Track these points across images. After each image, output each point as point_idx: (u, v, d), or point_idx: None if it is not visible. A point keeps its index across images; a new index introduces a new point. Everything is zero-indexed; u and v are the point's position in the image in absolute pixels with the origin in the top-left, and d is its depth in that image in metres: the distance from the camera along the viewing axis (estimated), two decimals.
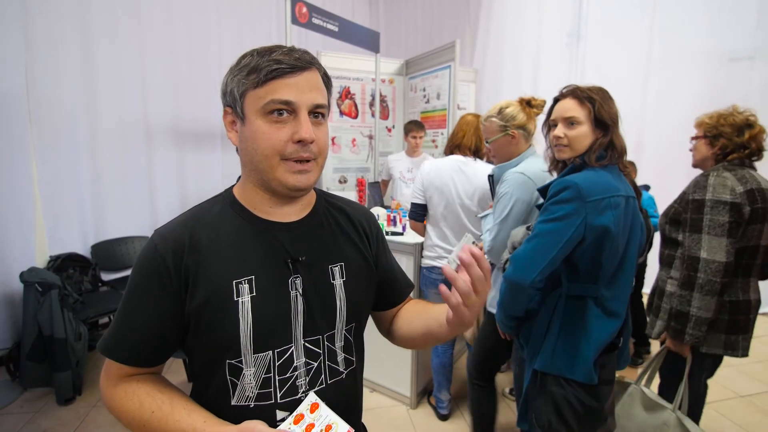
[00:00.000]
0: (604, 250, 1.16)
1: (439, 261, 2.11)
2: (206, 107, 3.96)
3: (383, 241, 0.91)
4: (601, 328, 1.20)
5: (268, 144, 0.65)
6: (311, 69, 0.68)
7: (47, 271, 2.65)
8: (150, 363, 0.71)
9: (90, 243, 3.25)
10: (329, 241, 0.78)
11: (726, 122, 1.54)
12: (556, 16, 4.33)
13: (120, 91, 3.32)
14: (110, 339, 0.69)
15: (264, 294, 0.69)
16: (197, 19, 3.85)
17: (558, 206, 1.17)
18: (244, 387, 0.68)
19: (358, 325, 0.82)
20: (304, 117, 0.66)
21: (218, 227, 0.71)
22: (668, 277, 1.65)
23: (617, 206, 1.16)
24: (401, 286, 0.93)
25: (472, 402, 1.90)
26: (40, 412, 2.34)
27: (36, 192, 2.90)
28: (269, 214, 0.74)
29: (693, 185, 1.54)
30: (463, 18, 5.24)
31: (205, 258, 0.68)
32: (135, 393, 0.67)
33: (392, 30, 6.12)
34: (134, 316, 0.68)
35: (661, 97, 3.83)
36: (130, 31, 3.35)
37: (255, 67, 0.66)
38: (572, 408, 1.20)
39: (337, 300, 0.76)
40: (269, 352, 0.69)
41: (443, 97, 3.79)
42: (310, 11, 3.14)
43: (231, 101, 0.69)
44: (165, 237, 0.69)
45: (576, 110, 1.27)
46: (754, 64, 3.34)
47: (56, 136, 2.97)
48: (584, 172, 1.22)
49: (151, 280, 0.67)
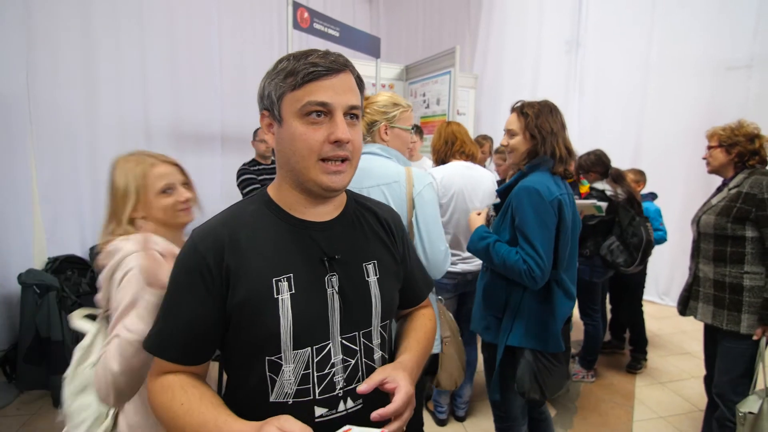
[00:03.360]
0: (561, 240, 1.40)
1: (452, 267, 2.10)
2: (207, 110, 3.97)
3: (408, 241, 0.93)
4: (563, 306, 1.44)
5: (305, 145, 0.67)
6: (346, 71, 0.70)
7: (45, 273, 2.64)
8: (195, 361, 0.72)
9: (88, 245, 3.24)
10: (361, 240, 0.80)
11: (740, 132, 1.77)
12: (556, 22, 4.36)
13: (120, 93, 3.33)
14: (155, 337, 0.71)
15: (302, 291, 0.70)
16: (198, 23, 3.88)
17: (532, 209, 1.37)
18: (283, 383, 0.70)
19: (390, 322, 0.84)
20: (340, 118, 0.68)
21: (255, 226, 0.73)
22: (742, 273, 1.75)
23: (566, 204, 1.40)
24: (420, 286, 0.95)
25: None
26: (36, 415, 2.33)
27: (35, 193, 2.90)
28: (304, 214, 0.75)
29: (757, 185, 1.70)
30: (463, 24, 5.28)
31: (245, 257, 0.70)
32: (170, 387, 0.69)
33: (393, 35, 6.15)
34: (178, 315, 0.70)
35: (659, 104, 3.85)
36: (132, 34, 3.37)
37: (292, 70, 0.67)
38: (547, 372, 1.44)
39: (372, 297, 0.77)
40: (308, 348, 0.70)
41: (443, 102, 3.81)
42: (312, 16, 3.16)
43: (268, 104, 0.71)
44: (204, 236, 0.71)
45: (514, 123, 1.50)
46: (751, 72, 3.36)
47: (56, 137, 2.97)
48: (531, 176, 1.43)
49: (193, 279, 0.69)
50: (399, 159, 1.45)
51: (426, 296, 0.97)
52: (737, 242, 1.74)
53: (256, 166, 3.17)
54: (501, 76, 4.72)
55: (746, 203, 1.70)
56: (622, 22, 3.98)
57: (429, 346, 0.89)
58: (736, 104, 3.29)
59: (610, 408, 2.45)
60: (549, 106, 1.49)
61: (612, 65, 4.05)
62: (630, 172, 3.03)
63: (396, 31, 6.15)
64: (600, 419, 2.36)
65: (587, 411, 2.42)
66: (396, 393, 0.67)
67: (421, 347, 0.84)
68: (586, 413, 2.40)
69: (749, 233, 1.71)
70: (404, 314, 0.96)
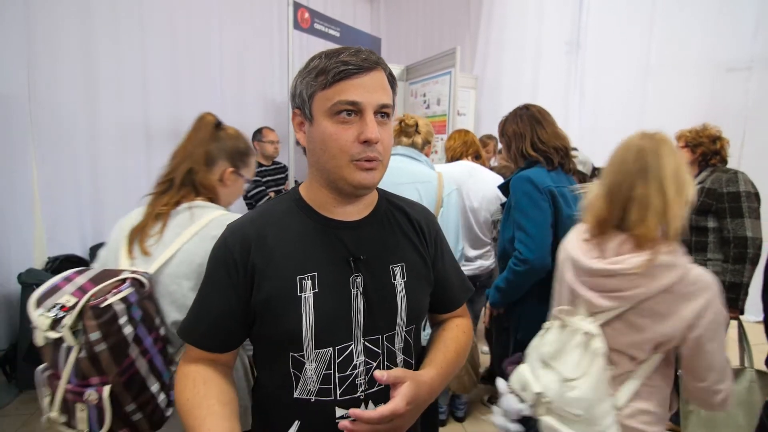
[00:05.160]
0: (560, 231, 1.42)
1: None
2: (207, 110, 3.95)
3: (442, 243, 0.89)
4: None
5: (335, 144, 0.67)
6: (377, 69, 0.68)
7: (45, 273, 2.64)
8: (217, 348, 0.74)
9: (88, 245, 3.23)
10: (390, 240, 0.79)
11: (704, 134, 1.98)
12: (556, 23, 4.36)
13: (121, 93, 3.33)
14: (185, 322, 0.76)
15: (326, 291, 0.71)
16: (199, 23, 3.87)
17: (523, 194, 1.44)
18: (306, 381, 0.70)
19: (417, 327, 0.82)
20: (370, 117, 0.66)
21: (284, 224, 0.74)
22: (706, 260, 1.91)
23: (562, 196, 1.46)
24: (456, 290, 0.90)
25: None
26: (36, 414, 2.33)
27: (35, 193, 2.90)
28: (333, 213, 0.75)
29: (717, 181, 1.89)
30: (463, 25, 5.28)
31: (271, 254, 0.71)
32: (186, 377, 0.72)
33: (393, 36, 6.15)
34: (204, 304, 0.74)
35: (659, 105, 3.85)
36: (132, 34, 3.37)
37: (323, 69, 0.66)
38: None
39: (398, 300, 0.76)
40: (330, 348, 0.70)
41: (443, 102, 3.81)
42: (312, 17, 3.16)
43: (300, 103, 0.71)
44: (234, 232, 0.73)
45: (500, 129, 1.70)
46: (751, 74, 3.36)
47: (56, 137, 2.97)
48: (528, 170, 1.53)
49: (219, 272, 0.72)
50: (428, 163, 1.65)
51: (463, 302, 0.92)
52: (700, 232, 1.94)
53: (259, 168, 3.16)
54: (501, 77, 4.72)
55: (708, 197, 1.90)
56: (622, 23, 3.97)
57: (459, 363, 0.85)
58: (736, 105, 3.29)
59: None
60: (518, 112, 1.61)
61: (612, 66, 4.05)
62: None
63: (396, 32, 6.14)
64: None
65: None
66: (387, 403, 0.65)
67: (447, 365, 0.80)
68: None
69: (711, 224, 1.91)
70: (439, 320, 0.91)
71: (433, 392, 0.75)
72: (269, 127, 3.30)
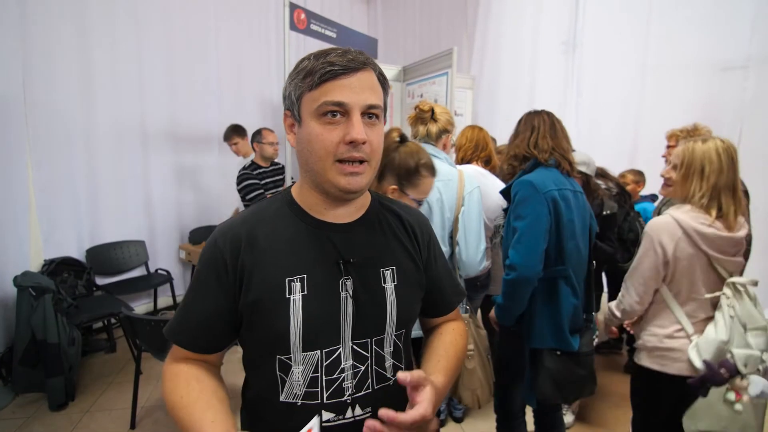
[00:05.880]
0: (563, 234, 1.42)
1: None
2: (203, 112, 3.96)
3: (435, 247, 0.89)
4: (568, 302, 1.45)
5: (321, 146, 0.66)
6: (365, 69, 0.67)
7: (41, 275, 2.63)
8: (204, 350, 0.74)
9: (85, 247, 3.23)
10: (381, 244, 0.78)
11: (695, 134, 2.00)
12: (553, 23, 4.36)
13: (117, 94, 3.32)
14: (173, 322, 0.75)
15: (315, 293, 0.70)
16: (195, 24, 3.86)
17: (526, 202, 1.41)
18: (292, 384, 0.70)
19: (407, 332, 0.81)
20: (356, 118, 0.66)
21: (275, 225, 0.74)
22: None
23: (564, 200, 1.43)
24: (448, 295, 0.90)
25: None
26: (32, 418, 2.31)
27: (31, 195, 2.89)
28: (324, 215, 0.75)
29: None
30: (460, 25, 5.28)
31: (261, 255, 0.70)
32: (177, 376, 0.71)
33: (390, 36, 6.15)
34: (192, 304, 0.74)
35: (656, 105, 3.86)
36: (128, 35, 3.36)
37: (310, 70, 0.66)
38: (565, 376, 1.44)
39: (388, 304, 0.75)
40: (317, 351, 0.70)
41: (440, 103, 3.81)
42: (309, 18, 3.16)
43: (289, 105, 0.71)
44: (225, 232, 0.73)
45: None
46: (748, 73, 3.37)
47: (52, 139, 2.96)
48: (531, 173, 1.50)
49: (209, 272, 0.72)
50: (448, 160, 1.57)
51: (456, 306, 0.92)
52: None
53: (258, 169, 3.14)
54: (498, 77, 4.72)
55: None
56: (618, 23, 3.98)
57: (459, 368, 0.86)
58: (733, 105, 3.30)
59: (608, 408, 2.45)
60: (523, 117, 1.62)
61: (609, 66, 4.05)
62: (630, 173, 3.04)
63: (393, 32, 6.14)
64: (598, 419, 2.36)
65: (585, 411, 2.42)
66: (416, 407, 0.63)
67: (452, 372, 0.79)
68: (584, 413, 2.40)
69: None
70: (433, 325, 0.91)
71: (442, 399, 0.76)
72: (269, 129, 3.28)
